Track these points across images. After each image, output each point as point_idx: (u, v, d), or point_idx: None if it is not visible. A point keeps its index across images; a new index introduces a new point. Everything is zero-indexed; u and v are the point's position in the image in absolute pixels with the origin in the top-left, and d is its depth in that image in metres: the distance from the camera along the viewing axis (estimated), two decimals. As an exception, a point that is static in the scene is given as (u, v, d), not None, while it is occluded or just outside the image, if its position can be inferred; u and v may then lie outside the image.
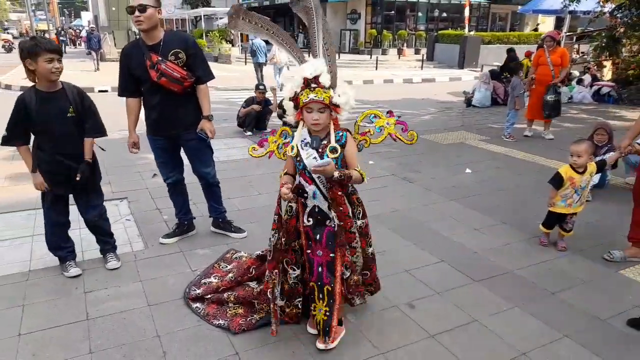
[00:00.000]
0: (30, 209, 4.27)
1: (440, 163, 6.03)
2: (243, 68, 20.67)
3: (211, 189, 3.72)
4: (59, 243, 3.17)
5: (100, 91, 12.62)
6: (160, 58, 3.11)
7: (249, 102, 7.67)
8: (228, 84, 14.55)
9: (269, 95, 7.98)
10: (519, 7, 20.04)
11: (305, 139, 2.35)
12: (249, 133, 7.55)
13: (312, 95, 2.23)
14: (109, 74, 15.88)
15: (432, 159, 6.26)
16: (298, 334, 2.55)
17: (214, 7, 33.96)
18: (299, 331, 2.57)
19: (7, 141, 2.89)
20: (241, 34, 31.60)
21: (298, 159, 2.37)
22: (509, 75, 10.48)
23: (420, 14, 27.46)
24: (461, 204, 4.57)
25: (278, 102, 7.93)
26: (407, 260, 3.40)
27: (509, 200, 4.67)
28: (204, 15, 32.32)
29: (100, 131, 3.05)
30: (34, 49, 2.70)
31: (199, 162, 3.56)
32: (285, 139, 2.54)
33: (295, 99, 2.30)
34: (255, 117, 7.60)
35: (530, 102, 7.38)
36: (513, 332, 2.60)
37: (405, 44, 24.84)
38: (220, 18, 34.30)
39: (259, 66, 14.30)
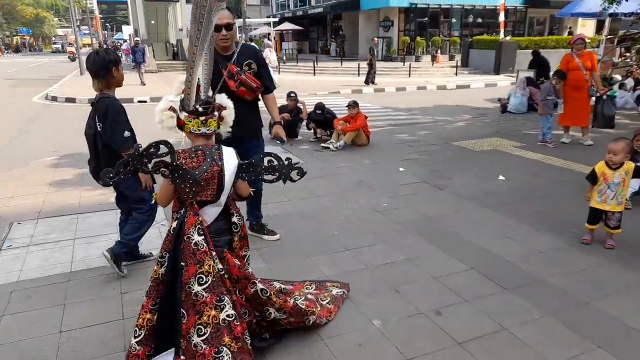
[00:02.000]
0: (72, 214, 4.49)
1: (472, 170, 5.95)
2: (274, 77, 20.94)
3: (257, 196, 3.85)
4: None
5: (139, 101, 13.05)
6: (238, 69, 3.30)
7: (280, 109, 7.79)
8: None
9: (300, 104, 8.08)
10: (558, 10, 19.53)
11: None
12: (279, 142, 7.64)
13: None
14: (150, 84, 16.46)
15: (464, 165, 6.18)
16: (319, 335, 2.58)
17: (248, 17, 34.65)
18: (322, 332, 2.60)
19: (134, 141, 2.96)
20: (275, 44, 32.19)
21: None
22: (544, 80, 10.25)
23: (454, 19, 27.21)
24: (493, 211, 4.49)
25: (309, 110, 8.04)
26: (436, 267, 3.38)
27: (543, 208, 4.56)
28: (238, 27, 33.02)
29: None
30: (118, 59, 3.09)
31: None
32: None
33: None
34: (286, 126, 7.68)
35: (565, 108, 7.09)
36: (544, 341, 2.55)
37: (439, 51, 24.60)
38: (255, 29, 35.03)
39: None
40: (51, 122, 9.88)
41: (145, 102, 13.08)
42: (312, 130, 8.03)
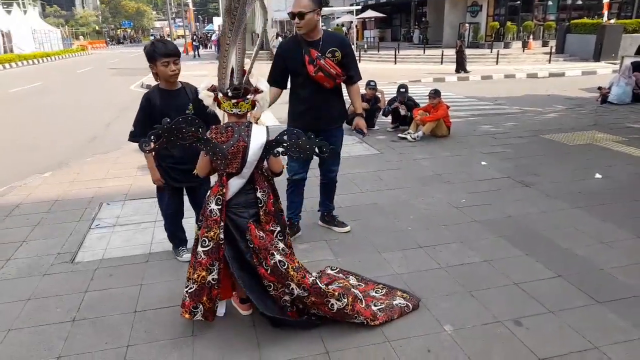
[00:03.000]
0: (155, 197, 4.71)
1: (564, 166, 5.43)
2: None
3: (331, 187, 3.82)
4: (175, 231, 3.44)
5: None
6: (319, 54, 3.28)
7: (357, 99, 7.66)
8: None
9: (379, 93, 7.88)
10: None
11: None
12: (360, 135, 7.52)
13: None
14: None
15: (555, 161, 5.66)
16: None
17: (331, 6, 34.62)
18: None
19: (133, 137, 3.06)
20: (357, 32, 31.88)
21: None
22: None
23: (550, 2, 25.20)
24: (587, 213, 4.05)
25: (387, 100, 7.82)
26: (518, 272, 3.10)
27: (648, 212, 4.04)
28: (321, 15, 33.11)
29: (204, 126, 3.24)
30: (152, 55, 2.95)
31: (333, 159, 3.65)
32: None
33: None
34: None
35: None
36: (644, 366, 2.23)
37: (531, 36, 22.92)
38: (338, 17, 34.92)
39: None
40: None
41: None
42: (389, 118, 7.80)
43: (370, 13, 32.57)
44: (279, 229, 2.53)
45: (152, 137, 2.26)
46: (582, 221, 3.90)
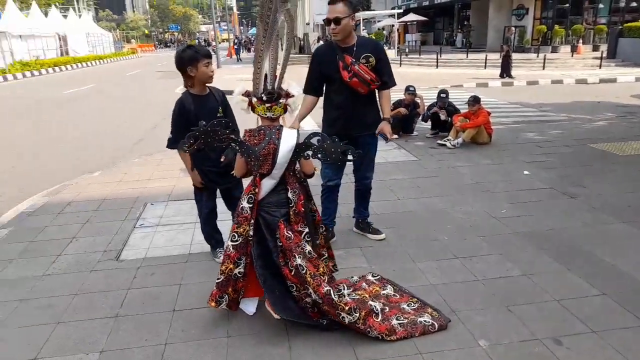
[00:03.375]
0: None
1: (613, 177, 5.20)
2: (396, 70, 20.63)
3: (365, 193, 3.81)
4: (211, 232, 3.54)
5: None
6: (353, 60, 3.30)
7: (396, 104, 7.60)
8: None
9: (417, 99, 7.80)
10: None
11: None
12: (395, 136, 7.47)
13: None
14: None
15: (603, 172, 5.44)
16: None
17: (373, 10, 34.52)
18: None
19: (173, 143, 3.09)
20: (399, 36, 31.64)
21: None
22: None
23: (601, 5, 24.17)
24: (635, 229, 3.87)
25: (426, 105, 7.73)
26: (559, 288, 3.00)
27: None
28: (362, 19, 33.07)
29: (236, 129, 3.25)
30: (195, 56, 3.01)
31: (367, 165, 3.66)
32: None
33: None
34: (401, 121, 7.51)
35: None
36: (694, 395, 2.11)
37: (581, 40, 22.04)
38: (379, 21, 34.78)
39: None
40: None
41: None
42: (428, 124, 7.71)
43: (412, 16, 32.24)
44: (307, 230, 2.61)
45: (190, 139, 2.40)
46: (629, 237, 3.73)
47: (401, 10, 32.81)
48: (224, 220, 3.63)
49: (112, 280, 3.26)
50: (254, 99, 2.52)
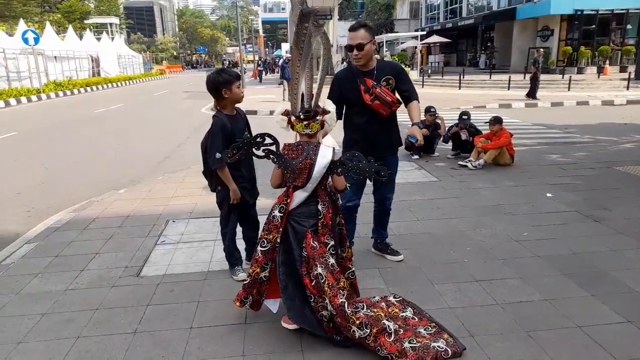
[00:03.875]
0: (217, 216, 4.89)
1: (639, 201, 5.07)
2: (419, 91, 20.62)
3: (384, 214, 3.82)
4: (234, 249, 3.58)
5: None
6: (374, 82, 3.37)
7: (418, 125, 7.61)
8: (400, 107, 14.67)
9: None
10: None
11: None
12: (416, 157, 7.47)
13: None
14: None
15: (629, 195, 5.30)
16: None
17: (397, 32, 34.83)
18: None
19: (221, 161, 3.15)
20: (422, 57, 31.77)
21: None
22: None
23: (629, 26, 23.87)
24: (664, 254, 3.75)
25: (446, 127, 7.70)
26: (581, 314, 2.92)
27: None
28: (386, 41, 33.37)
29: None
30: (229, 79, 3.20)
31: (387, 186, 3.68)
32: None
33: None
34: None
35: None
36: None
37: (607, 61, 21.72)
38: (402, 42, 35.04)
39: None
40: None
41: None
42: (449, 145, 7.67)
43: (435, 38, 32.39)
44: (332, 242, 2.71)
45: (233, 149, 2.65)
46: (658, 263, 3.62)
47: (424, 32, 33.04)
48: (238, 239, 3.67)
49: (132, 296, 3.32)
50: (293, 118, 2.69)
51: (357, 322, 2.51)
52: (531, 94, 15.99)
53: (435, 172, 6.60)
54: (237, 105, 3.39)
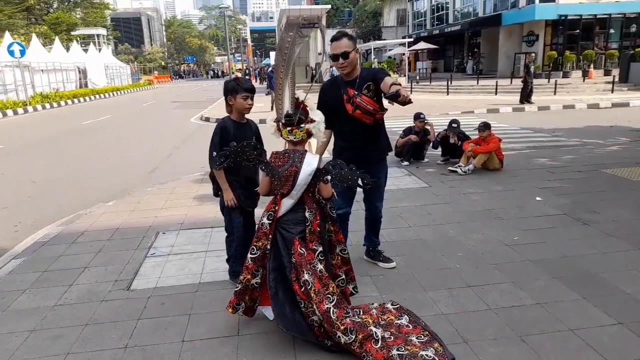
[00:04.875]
0: (208, 227, 4.90)
1: (627, 203, 5.13)
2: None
3: (375, 222, 3.82)
4: (240, 258, 3.52)
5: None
6: (355, 92, 3.36)
7: (407, 131, 7.66)
8: (391, 113, 14.76)
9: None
10: None
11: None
12: (406, 163, 7.50)
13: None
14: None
15: (617, 198, 5.36)
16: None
17: (384, 39, 35.08)
18: None
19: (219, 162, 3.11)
20: (409, 64, 32.03)
21: None
22: None
23: (612, 30, 24.31)
24: (653, 256, 3.79)
25: (436, 133, 7.75)
26: (573, 318, 2.93)
27: None
28: (374, 48, 33.60)
29: (262, 153, 3.40)
30: (235, 88, 3.30)
31: (377, 195, 3.69)
32: None
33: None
34: (412, 147, 7.54)
35: None
36: None
37: (592, 65, 22.07)
38: (390, 49, 35.30)
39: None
40: (202, 141, 10.99)
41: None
42: (439, 151, 7.73)
43: (422, 45, 32.70)
44: (320, 249, 2.73)
45: (221, 157, 2.69)
46: (647, 264, 3.65)
47: (412, 39, 33.34)
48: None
49: (122, 310, 3.27)
50: (280, 124, 2.77)
51: (342, 327, 2.53)
52: (524, 99, 16.07)
53: (426, 178, 6.63)
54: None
